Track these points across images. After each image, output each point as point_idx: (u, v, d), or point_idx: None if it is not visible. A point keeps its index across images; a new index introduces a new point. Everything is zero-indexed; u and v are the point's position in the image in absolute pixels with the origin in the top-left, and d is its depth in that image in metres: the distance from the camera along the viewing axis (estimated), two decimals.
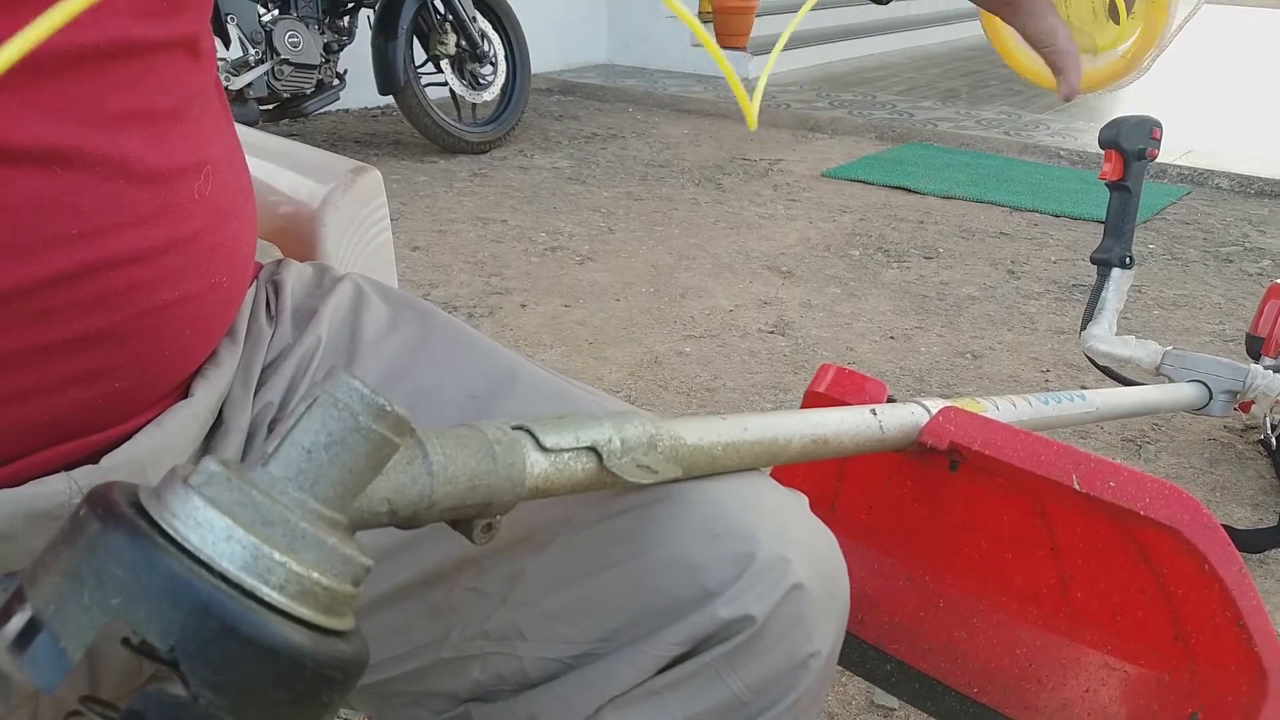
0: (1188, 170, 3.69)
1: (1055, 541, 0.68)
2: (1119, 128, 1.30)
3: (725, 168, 3.78)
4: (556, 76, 5.32)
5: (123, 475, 0.49)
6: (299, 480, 0.34)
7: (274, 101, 3.29)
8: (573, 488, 0.44)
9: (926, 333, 2.34)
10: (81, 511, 0.32)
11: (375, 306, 0.61)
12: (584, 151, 3.97)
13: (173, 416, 0.51)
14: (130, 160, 0.45)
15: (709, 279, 2.64)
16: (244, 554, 0.32)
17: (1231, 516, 1.64)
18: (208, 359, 0.55)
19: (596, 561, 0.50)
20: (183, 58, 0.50)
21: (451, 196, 3.28)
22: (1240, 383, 1.30)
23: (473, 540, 0.41)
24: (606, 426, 0.46)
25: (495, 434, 0.42)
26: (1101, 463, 0.60)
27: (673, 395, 2.01)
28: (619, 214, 3.18)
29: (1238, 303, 2.55)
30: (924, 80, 5.54)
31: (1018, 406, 0.79)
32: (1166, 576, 0.61)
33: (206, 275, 0.51)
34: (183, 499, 0.33)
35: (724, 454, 0.52)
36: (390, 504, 0.37)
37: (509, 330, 2.29)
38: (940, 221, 3.18)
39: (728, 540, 0.48)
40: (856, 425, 0.62)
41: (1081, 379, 2.09)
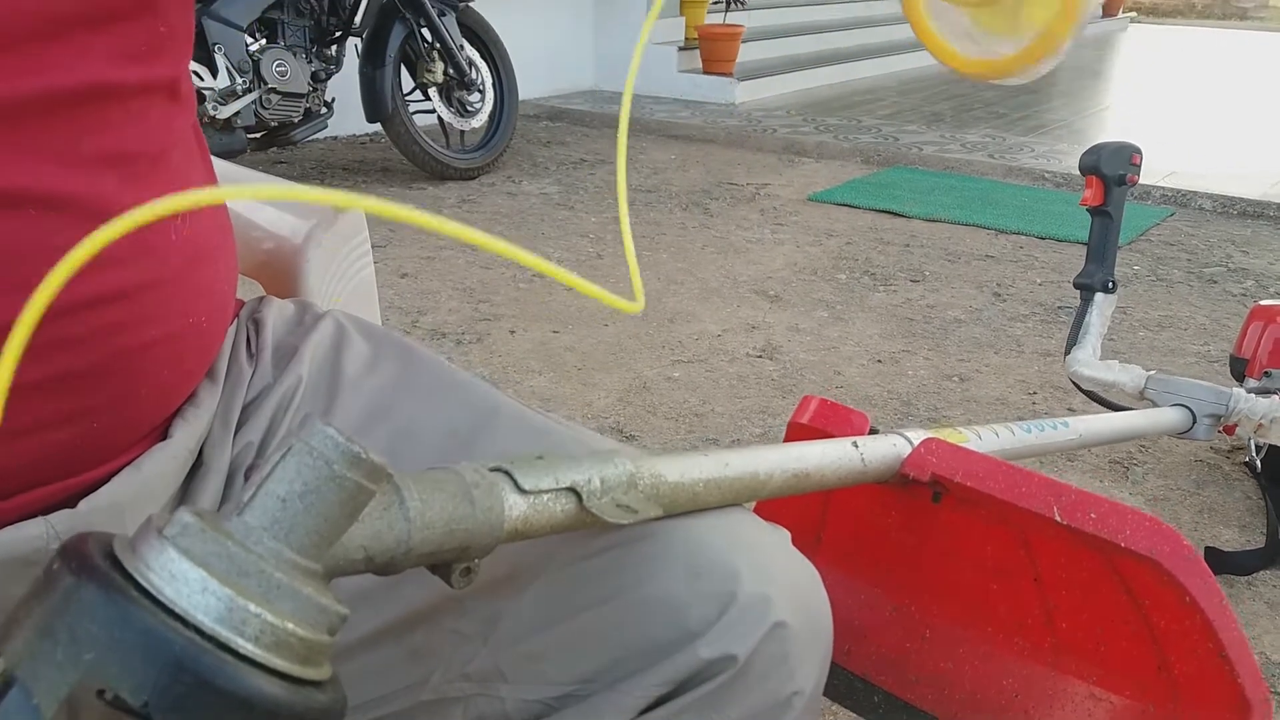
0: (1171, 191, 3.72)
1: (1039, 572, 0.69)
2: (1099, 154, 1.32)
3: (712, 192, 3.80)
4: (544, 103, 5.34)
5: (101, 519, 0.48)
6: (274, 530, 0.34)
7: (261, 130, 3.29)
8: (552, 529, 0.44)
9: (913, 356, 2.34)
10: (55, 565, 0.32)
11: (356, 344, 0.61)
12: (572, 177, 3.98)
13: (151, 459, 0.51)
14: (106, 202, 0.45)
15: (697, 303, 2.65)
16: (219, 606, 0.32)
17: (1219, 538, 1.64)
18: (187, 400, 0.55)
19: (578, 601, 0.49)
20: (162, 101, 0.50)
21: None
22: (1224, 406, 1.30)
23: (451, 585, 0.41)
24: (586, 466, 0.46)
25: (473, 477, 0.42)
26: (1082, 494, 0.60)
27: (661, 421, 2.01)
28: (607, 239, 3.19)
29: (1222, 323, 2.57)
30: (909, 104, 5.59)
31: (1000, 435, 0.79)
32: (1149, 608, 0.61)
33: (185, 315, 0.51)
34: (157, 550, 0.32)
35: (705, 491, 0.52)
36: (366, 551, 0.37)
37: (497, 357, 2.29)
38: (926, 245, 3.19)
39: (709, 579, 0.48)
40: (838, 458, 0.62)
41: (1068, 401, 2.09)
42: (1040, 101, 5.80)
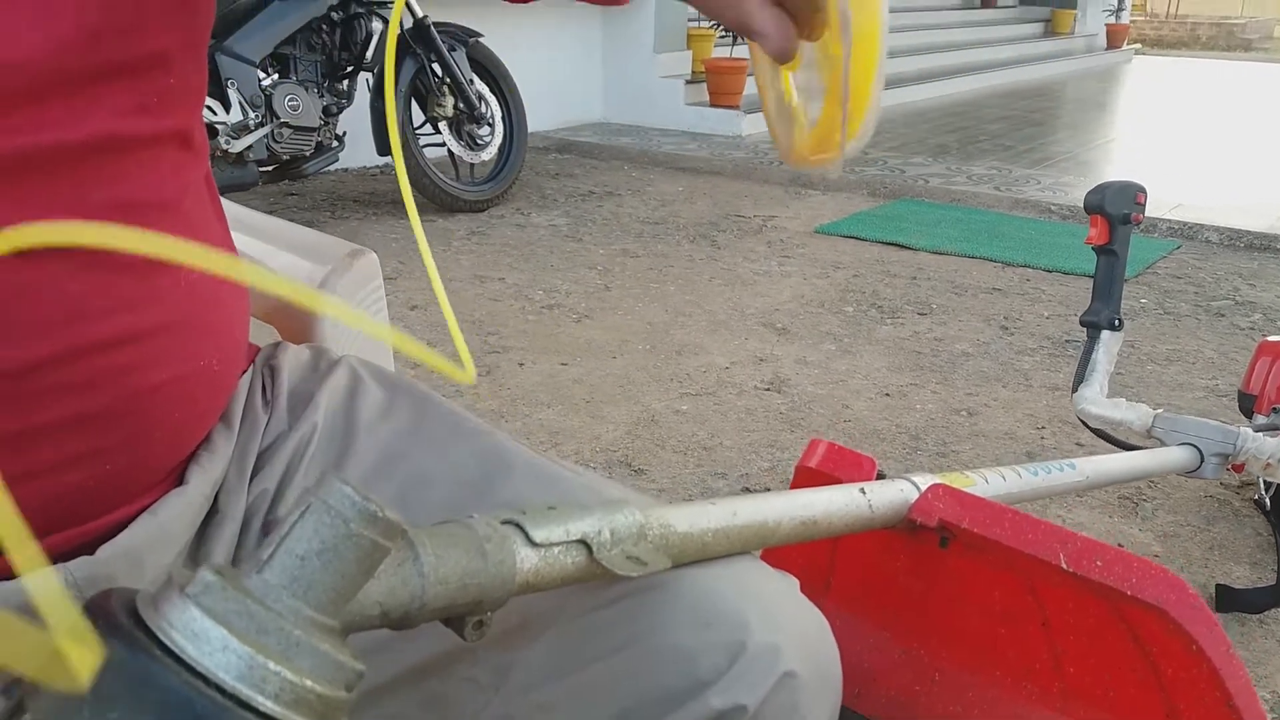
0: (1177, 224, 3.73)
1: (1046, 617, 0.69)
2: (1104, 193, 1.33)
3: (720, 224, 3.82)
4: (553, 135, 5.39)
5: (119, 566, 0.49)
6: (293, 588, 0.35)
7: (273, 163, 3.33)
8: (563, 581, 0.45)
9: (921, 389, 2.35)
10: None
11: (371, 391, 0.62)
12: (580, 209, 4.01)
13: (167, 505, 0.52)
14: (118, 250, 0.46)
15: (705, 336, 2.66)
16: (239, 664, 0.32)
17: (1230, 575, 1.64)
18: (202, 444, 0.56)
19: (589, 651, 0.50)
20: (172, 151, 0.51)
21: (449, 255, 3.31)
22: (1231, 445, 1.30)
23: (464, 638, 0.42)
24: (596, 518, 0.47)
25: (485, 530, 0.42)
26: (1088, 542, 0.60)
27: (670, 454, 2.02)
28: (615, 271, 3.21)
29: (1230, 357, 2.57)
30: (914, 136, 5.62)
31: (1007, 479, 0.80)
32: (1156, 655, 0.61)
33: (195, 358, 0.52)
34: (180, 609, 0.33)
35: (714, 540, 0.52)
36: (382, 607, 0.38)
37: (506, 389, 2.30)
38: (933, 277, 3.21)
39: (719, 629, 0.49)
40: (846, 505, 0.62)
41: (1077, 436, 2.09)
42: (1046, 134, 5.83)
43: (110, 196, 0.46)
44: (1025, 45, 9.44)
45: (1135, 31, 12.96)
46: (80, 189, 0.45)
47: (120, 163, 0.47)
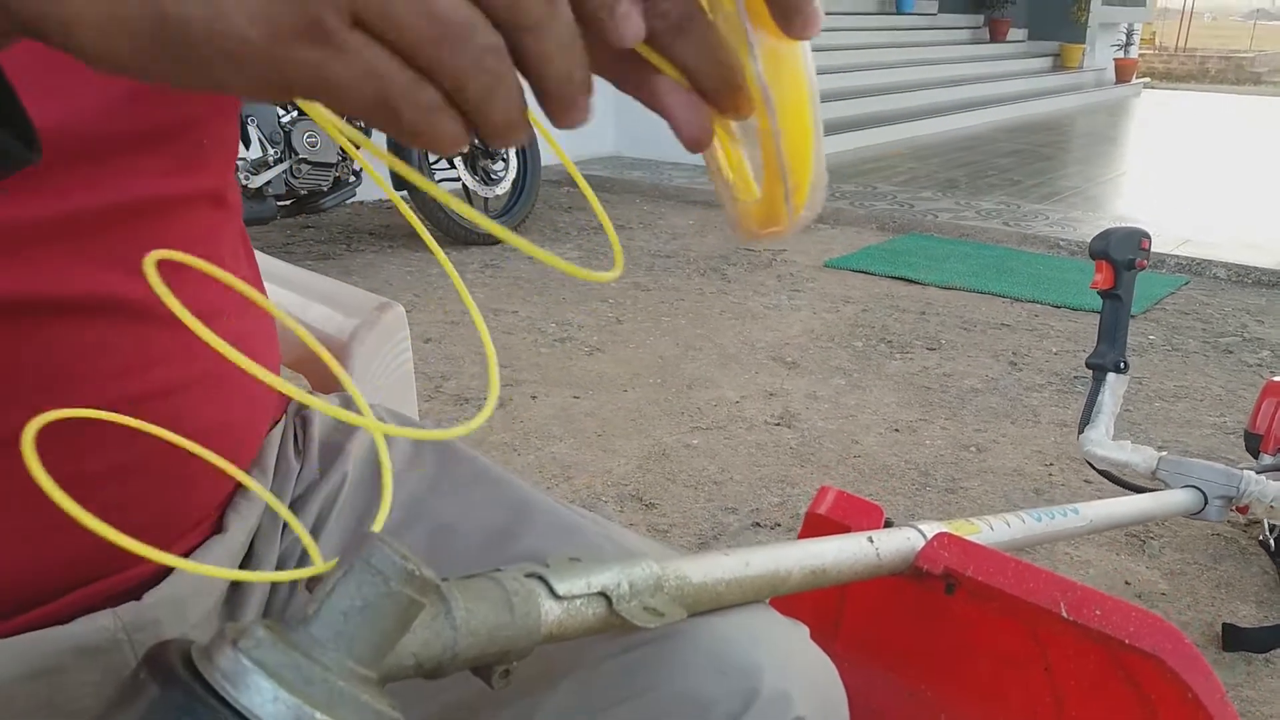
0: (1185, 260, 3.75)
1: (1049, 663, 0.71)
2: (1109, 239, 1.35)
3: (730, 258, 3.86)
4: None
5: (164, 611, 0.52)
6: (336, 642, 0.37)
7: (291, 198, 3.39)
8: (585, 631, 0.48)
9: (930, 425, 2.37)
10: (141, 674, 0.36)
11: (398, 442, 0.65)
12: (592, 242, 4.05)
13: (209, 551, 0.55)
14: (158, 305, 0.49)
15: (715, 370, 2.69)
16: (288, 714, 0.35)
17: (1236, 613, 1.65)
18: (239, 491, 0.59)
19: (608, 697, 0.52)
20: (208, 209, 0.54)
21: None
22: (1234, 489, 1.32)
23: (491, 686, 0.44)
24: (615, 571, 0.49)
25: (512, 585, 0.45)
26: (1088, 592, 0.62)
27: (680, 489, 2.04)
28: (627, 304, 3.24)
29: (1238, 394, 2.58)
30: (923, 171, 5.67)
31: (1011, 525, 0.82)
32: (1154, 701, 0.63)
33: (229, 408, 0.55)
34: (232, 661, 0.36)
35: (728, 590, 0.55)
36: (417, 658, 0.40)
37: (519, 423, 2.33)
38: (942, 312, 3.23)
39: (733, 676, 0.51)
40: (854, 554, 0.65)
41: (1085, 473, 2.11)
42: (1055, 169, 5.87)
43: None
44: (1034, 79, 9.51)
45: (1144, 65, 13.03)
46: (129, 248, 0.48)
47: (162, 222, 0.50)
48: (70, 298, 0.46)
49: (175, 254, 0.40)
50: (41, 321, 0.45)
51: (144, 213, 0.49)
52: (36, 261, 0.45)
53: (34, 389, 0.45)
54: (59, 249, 0.45)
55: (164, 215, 0.50)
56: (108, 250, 0.47)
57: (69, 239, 0.46)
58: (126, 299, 0.48)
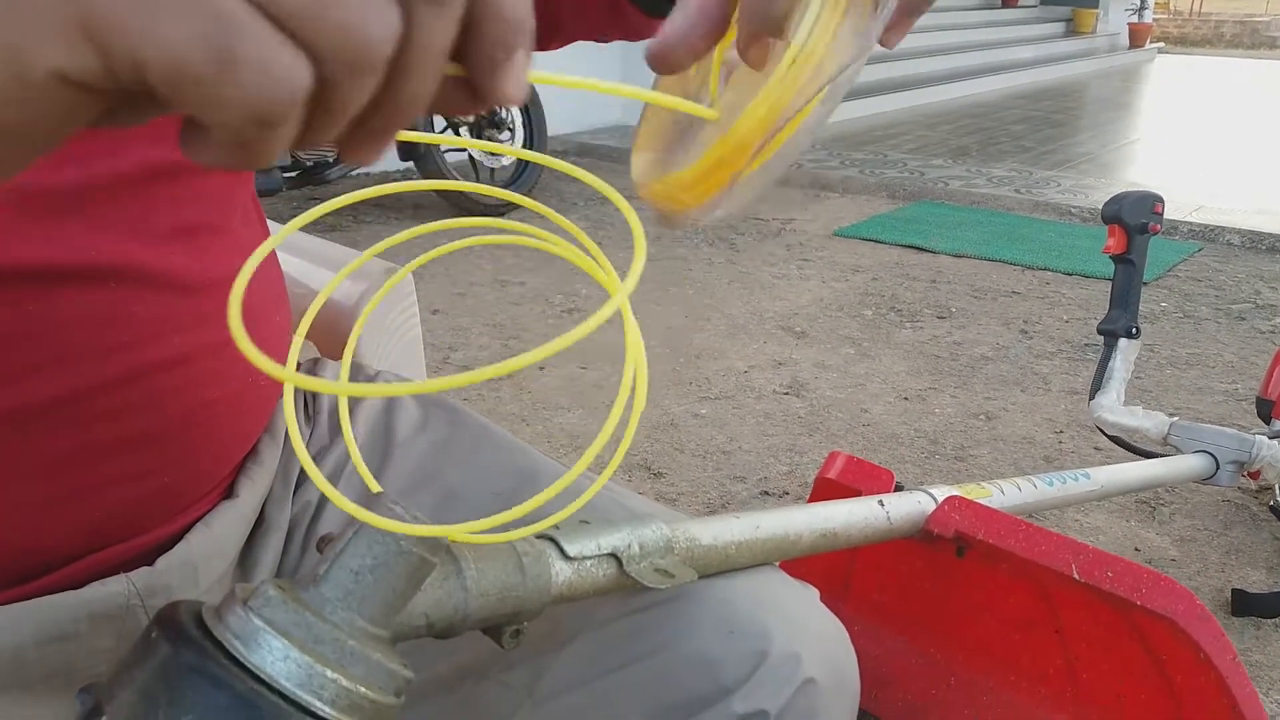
0: (1198, 227, 3.72)
1: (1060, 625, 0.71)
2: (1121, 204, 1.34)
3: (738, 228, 3.84)
4: (572, 138, 5.42)
5: (177, 576, 0.52)
6: (347, 601, 0.37)
7: (297, 169, 3.37)
8: (595, 592, 0.48)
9: (940, 393, 2.36)
10: (153, 634, 0.36)
11: (407, 406, 0.65)
12: (599, 213, 4.04)
13: (220, 516, 0.55)
14: (174, 272, 0.49)
15: (724, 340, 2.68)
16: (299, 672, 0.35)
17: (1247, 579, 1.64)
18: (250, 457, 0.59)
19: (618, 658, 0.52)
20: (222, 176, 0.54)
21: (470, 259, 3.35)
22: (1247, 453, 1.32)
23: (502, 645, 0.44)
24: (625, 532, 0.49)
25: (523, 546, 0.45)
26: (1099, 554, 0.62)
27: (689, 458, 2.04)
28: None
29: (1250, 361, 2.57)
30: (935, 138, 5.62)
31: (1022, 489, 0.82)
32: (1165, 662, 0.63)
33: (244, 375, 0.55)
34: (243, 620, 0.36)
35: (737, 552, 0.55)
36: (428, 618, 0.41)
37: (527, 393, 2.33)
38: (952, 280, 3.21)
39: (742, 637, 0.51)
40: (865, 517, 0.64)
41: (1095, 440, 2.10)
42: (1067, 135, 5.82)
43: (171, 221, 0.49)
44: (1047, 45, 9.40)
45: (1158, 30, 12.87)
46: (146, 214, 0.48)
47: (176, 187, 0.50)
48: (88, 266, 0.45)
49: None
50: (60, 290, 0.45)
51: (159, 178, 0.48)
52: (56, 230, 0.44)
53: (51, 358, 0.45)
54: (78, 217, 0.45)
55: (178, 180, 0.50)
56: (125, 217, 0.47)
57: (88, 207, 0.45)
58: (143, 266, 0.47)
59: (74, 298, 0.45)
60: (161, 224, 0.49)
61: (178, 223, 0.50)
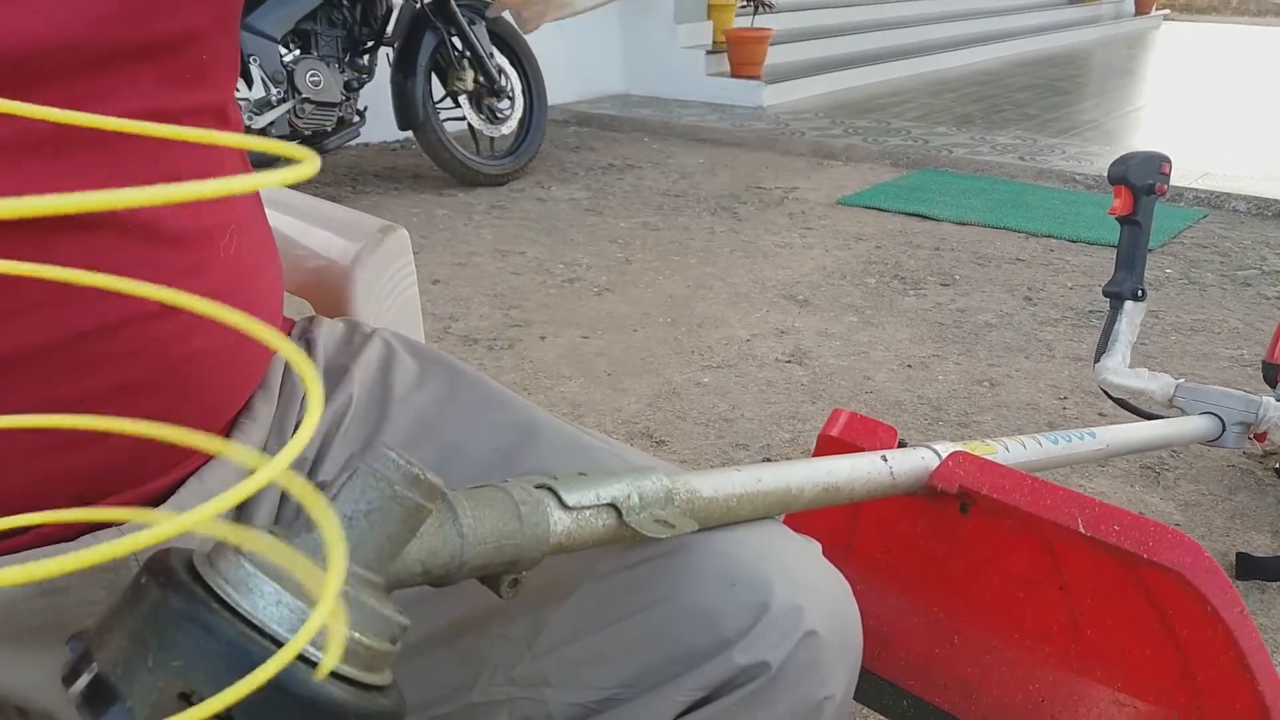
0: (1204, 193, 3.69)
1: (1065, 581, 0.70)
2: (1127, 164, 1.32)
3: (741, 196, 3.82)
4: (572, 108, 5.38)
5: None
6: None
7: (295, 139, 3.35)
8: (595, 542, 0.47)
9: (944, 361, 2.35)
10: (143, 579, 0.35)
11: (404, 363, 0.64)
12: (600, 182, 4.01)
13: (213, 470, 0.54)
14: (160, 222, 0.48)
15: (726, 308, 2.67)
16: (292, 618, 0.34)
17: (1251, 543, 1.64)
18: (244, 412, 0.58)
19: (618, 610, 0.52)
20: (209, 125, 0.53)
21: (470, 229, 3.33)
22: (1253, 415, 1.31)
23: (500, 595, 0.44)
24: (625, 483, 0.49)
25: (520, 494, 0.44)
26: (1106, 507, 0.61)
27: (691, 426, 2.03)
28: (636, 244, 3.21)
29: (1255, 327, 2.55)
30: (939, 106, 5.57)
31: (1027, 447, 0.81)
32: (1172, 617, 0.63)
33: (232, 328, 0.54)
34: (234, 566, 0.35)
35: (739, 505, 0.54)
36: (424, 565, 0.40)
37: (528, 362, 2.32)
38: (956, 248, 3.19)
39: (743, 590, 0.50)
40: (868, 472, 0.64)
41: (1099, 406, 2.09)
42: (1072, 103, 5.77)
43: (157, 171, 0.48)
44: (1052, 12, 9.31)
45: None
46: (127, 163, 0.47)
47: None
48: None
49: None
50: (44, 236, 0.44)
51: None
52: (34, 174, 0.43)
53: (41, 304, 0.44)
54: (57, 162, 0.44)
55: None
56: (108, 164, 0.46)
57: (67, 151, 0.44)
58: (127, 215, 0.47)
59: (60, 244, 0.45)
60: (147, 172, 0.48)
61: (164, 172, 0.49)
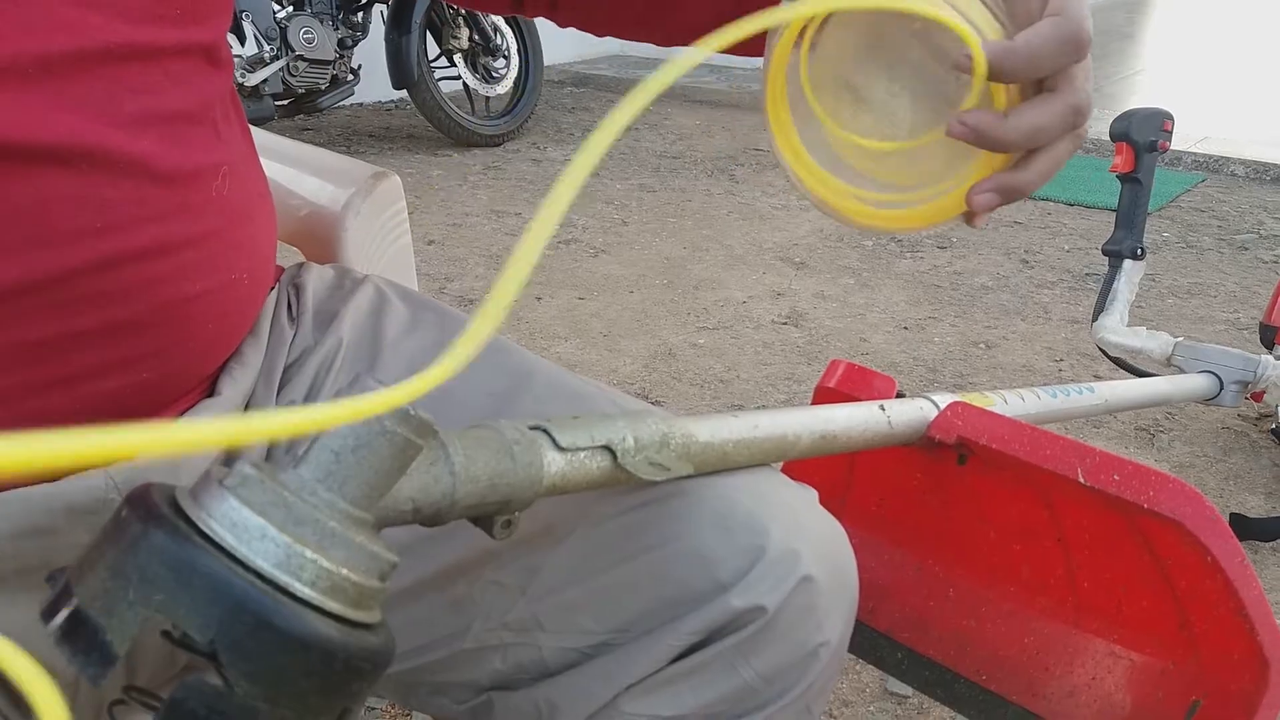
0: (1203, 157, 3.67)
1: (1062, 532, 0.70)
2: (1130, 120, 1.31)
3: (738, 158, 3.79)
4: (569, 68, 5.32)
5: (158, 472, 0.50)
6: (328, 482, 0.36)
7: (289, 97, 3.31)
8: (589, 485, 0.46)
9: (940, 323, 2.34)
10: (123, 512, 0.34)
11: (395, 308, 0.63)
12: None
13: (202, 414, 0.53)
14: (149, 159, 0.47)
15: (722, 270, 2.66)
16: (277, 552, 0.33)
17: (1245, 505, 1.64)
18: (233, 357, 0.57)
19: (612, 555, 0.51)
20: (200, 64, 0.51)
21: (466, 190, 3.30)
22: (1251, 373, 1.30)
23: (493, 536, 0.43)
24: (620, 425, 0.48)
25: (513, 434, 0.43)
26: (1106, 456, 0.61)
27: (687, 387, 2.03)
28: (632, 206, 3.19)
29: (1252, 290, 2.55)
30: None
31: (1026, 400, 0.80)
32: (1170, 567, 0.62)
33: (226, 271, 0.53)
34: (218, 500, 0.34)
35: (735, 451, 0.53)
36: (414, 503, 0.39)
37: (524, 324, 2.31)
38: None
39: (739, 534, 0.50)
40: (865, 421, 0.63)
41: (1095, 368, 2.09)
42: None
43: (144, 107, 0.47)
44: None
45: None
46: (114, 96, 0.45)
47: (150, 73, 0.47)
48: (51, 145, 0.43)
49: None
50: (23, 168, 0.43)
51: (129, 59, 0.46)
52: (17, 104, 0.42)
53: (23, 241, 0.43)
54: (37, 91, 0.43)
55: (151, 64, 0.47)
56: (92, 97, 0.45)
57: (48, 81, 0.43)
58: (115, 149, 0.45)
59: (41, 177, 0.43)
60: (133, 107, 0.46)
61: (151, 108, 0.47)
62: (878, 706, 1.23)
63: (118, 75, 0.46)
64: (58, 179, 0.44)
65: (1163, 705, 0.64)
